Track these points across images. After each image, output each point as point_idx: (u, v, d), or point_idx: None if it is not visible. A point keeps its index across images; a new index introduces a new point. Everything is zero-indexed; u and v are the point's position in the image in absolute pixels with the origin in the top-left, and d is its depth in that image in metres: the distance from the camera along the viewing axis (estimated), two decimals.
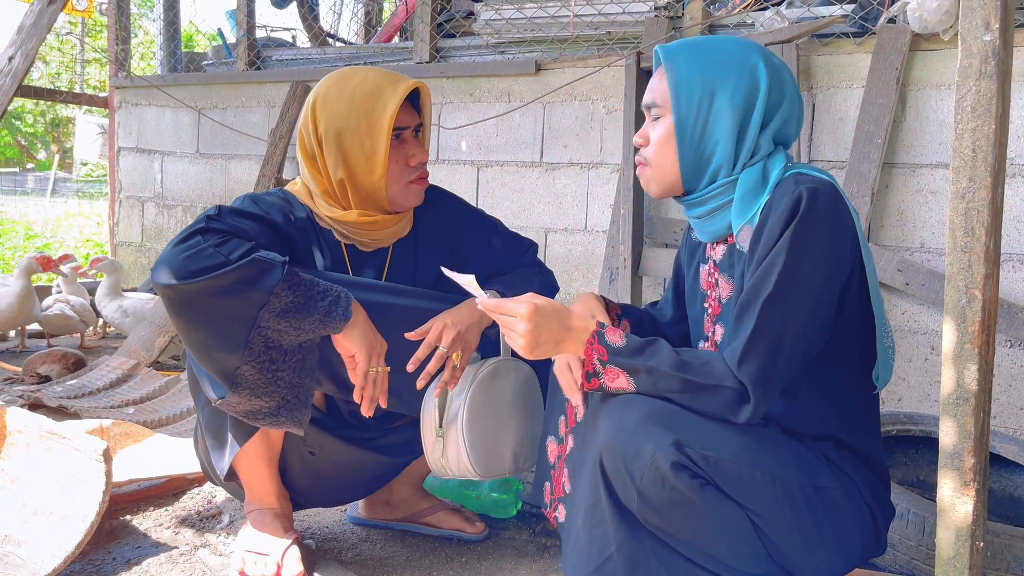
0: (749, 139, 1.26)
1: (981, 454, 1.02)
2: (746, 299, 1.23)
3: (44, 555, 1.48)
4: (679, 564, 1.25)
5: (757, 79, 1.26)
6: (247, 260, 1.32)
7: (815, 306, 1.21)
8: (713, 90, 1.26)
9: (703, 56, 1.28)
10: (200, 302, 1.33)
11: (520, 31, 3.32)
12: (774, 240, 1.20)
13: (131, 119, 4.67)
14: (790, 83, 1.29)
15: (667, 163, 1.31)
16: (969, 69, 0.99)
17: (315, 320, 1.37)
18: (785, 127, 1.30)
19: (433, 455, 1.54)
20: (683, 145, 1.28)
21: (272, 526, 1.54)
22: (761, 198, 1.25)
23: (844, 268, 1.24)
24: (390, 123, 1.49)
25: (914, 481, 2.10)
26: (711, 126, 1.27)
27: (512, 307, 1.26)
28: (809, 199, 1.18)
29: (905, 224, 2.47)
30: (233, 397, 1.38)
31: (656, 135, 1.31)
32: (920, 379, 2.46)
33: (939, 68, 2.41)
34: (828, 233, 1.20)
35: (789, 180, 1.24)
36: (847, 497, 1.27)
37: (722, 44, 1.31)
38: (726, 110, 1.26)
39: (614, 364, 1.24)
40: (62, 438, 1.64)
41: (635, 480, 1.18)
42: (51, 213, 10.61)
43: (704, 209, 1.32)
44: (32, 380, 2.89)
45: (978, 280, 1.00)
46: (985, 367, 1.01)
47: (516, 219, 3.23)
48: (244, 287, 1.32)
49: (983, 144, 0.99)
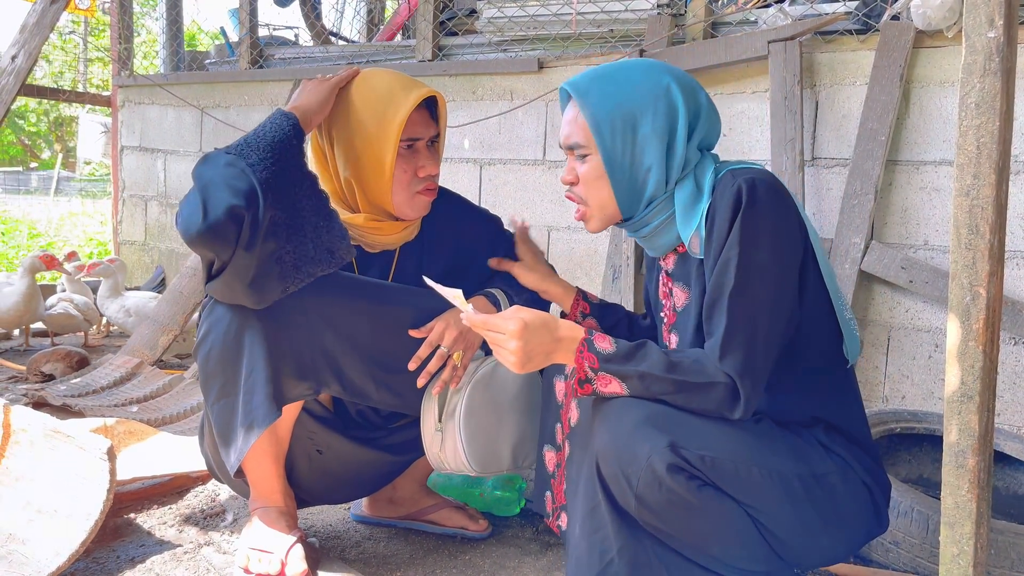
0: (678, 157, 1.29)
1: (985, 452, 1.02)
2: (711, 298, 1.25)
3: (49, 553, 1.48)
4: (680, 565, 1.25)
5: (673, 100, 1.28)
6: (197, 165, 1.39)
7: (779, 291, 1.23)
8: (635, 120, 1.28)
9: (615, 88, 1.30)
10: (198, 191, 1.36)
11: (523, 29, 3.31)
12: (724, 235, 1.23)
13: (134, 118, 4.67)
14: (702, 94, 1.32)
15: (603, 198, 1.34)
16: (973, 66, 0.99)
17: (273, 139, 1.40)
18: (708, 136, 1.33)
19: (432, 449, 1.55)
20: (616, 179, 1.31)
21: (277, 523, 1.54)
22: (701, 204, 1.28)
23: (797, 250, 1.26)
24: (398, 130, 1.49)
25: (918, 479, 2.09)
26: (639, 155, 1.29)
27: (500, 324, 1.25)
28: (749, 190, 1.21)
29: (909, 221, 2.46)
30: (279, 254, 1.36)
31: (586, 174, 1.34)
32: (924, 377, 2.46)
33: (943, 65, 2.40)
34: (774, 218, 1.23)
35: (726, 177, 1.27)
36: (844, 480, 1.27)
37: (629, 72, 1.32)
38: (651, 137, 1.28)
39: (605, 371, 1.24)
40: (66, 436, 1.64)
41: (632, 484, 1.19)
42: (54, 212, 10.63)
43: (648, 229, 1.34)
44: (36, 379, 2.90)
45: (982, 277, 1.00)
46: (989, 365, 1.01)
47: (519, 217, 3.23)
48: (210, 167, 1.37)
49: (987, 141, 0.99)
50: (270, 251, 1.35)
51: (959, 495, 1.03)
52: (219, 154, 1.38)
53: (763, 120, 2.69)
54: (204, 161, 1.39)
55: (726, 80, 2.78)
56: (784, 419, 1.30)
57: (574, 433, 1.41)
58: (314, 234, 1.39)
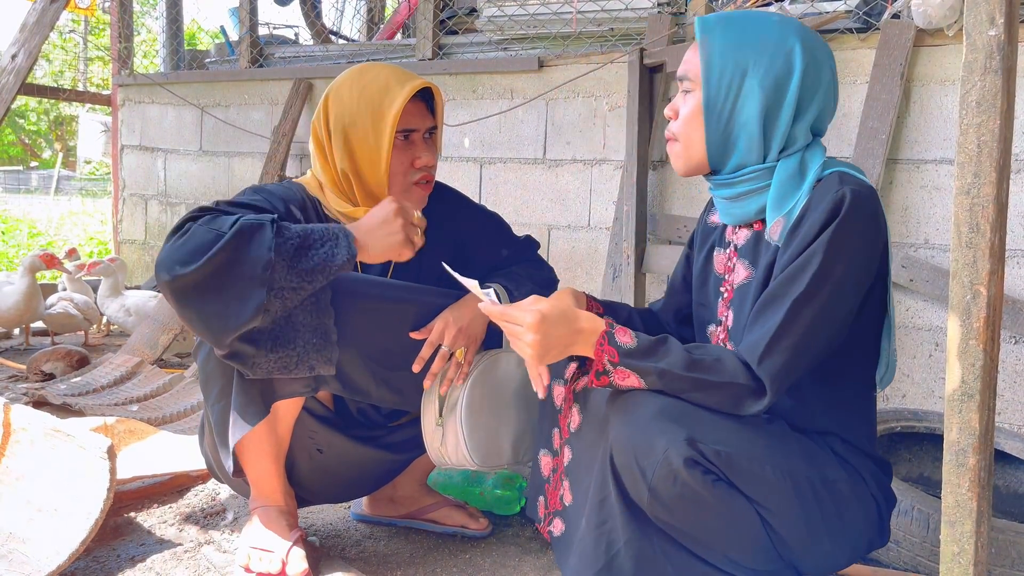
0: (781, 126, 1.24)
1: (986, 451, 1.02)
2: (773, 294, 1.21)
3: (49, 552, 1.48)
4: (686, 561, 1.25)
5: (792, 63, 1.22)
6: (236, 227, 1.30)
7: (842, 309, 1.21)
8: (745, 69, 1.23)
9: (740, 32, 1.25)
10: (210, 283, 1.30)
11: (523, 28, 3.31)
12: (812, 238, 1.19)
13: (134, 117, 4.67)
14: (827, 71, 1.26)
15: (694, 139, 1.29)
16: (974, 64, 0.98)
17: (322, 267, 1.35)
18: (820, 118, 1.27)
19: (432, 444, 1.55)
20: (710, 122, 1.26)
21: (277, 523, 1.54)
22: (799, 191, 1.23)
23: (872, 273, 1.23)
24: (394, 121, 1.49)
25: (918, 478, 2.09)
26: (739, 106, 1.24)
27: (518, 316, 1.23)
28: (852, 201, 1.17)
29: (909, 220, 2.46)
30: (260, 360, 1.37)
31: (685, 109, 1.29)
32: (924, 375, 2.46)
33: (943, 63, 2.40)
34: (865, 238, 1.20)
35: (833, 178, 1.22)
36: (853, 489, 1.27)
37: (762, 21, 1.26)
38: (756, 91, 1.22)
39: (625, 366, 1.22)
40: (66, 436, 1.64)
41: (646, 476, 1.18)
42: (55, 211, 10.62)
43: (733, 192, 1.29)
44: (36, 378, 2.90)
45: (983, 276, 1.00)
46: (990, 363, 1.01)
47: (519, 216, 3.23)
48: (243, 254, 1.30)
49: (988, 140, 0.98)
50: (249, 353, 1.37)
51: (960, 494, 1.03)
52: (262, 237, 1.31)
53: None
54: (245, 235, 1.31)
55: None
56: (800, 425, 1.29)
57: (575, 438, 1.39)
58: (302, 350, 1.40)
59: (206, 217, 1.35)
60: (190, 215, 1.37)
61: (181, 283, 1.29)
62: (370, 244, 1.41)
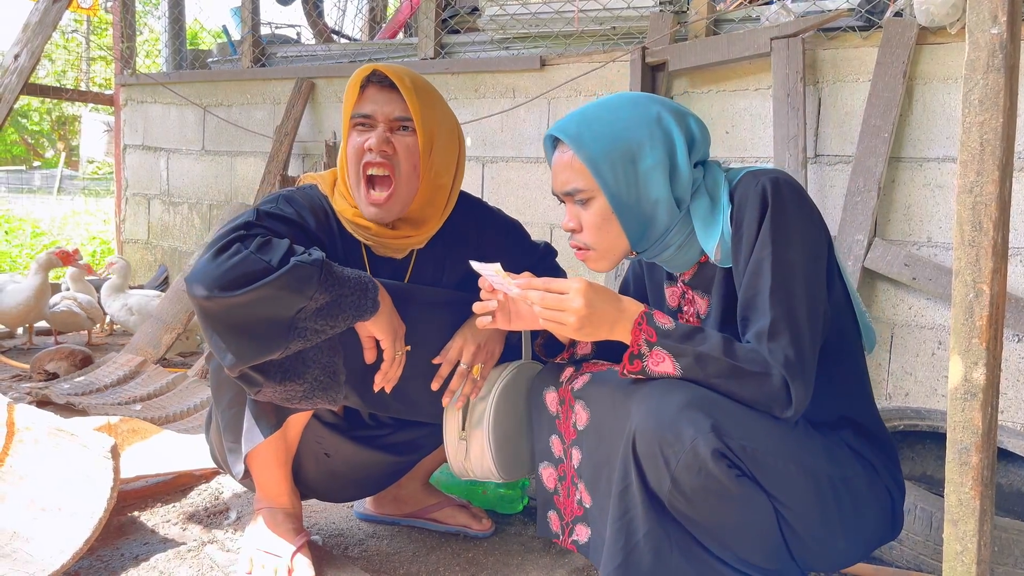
0: (683, 181, 1.28)
1: (988, 449, 1.02)
2: (747, 299, 1.24)
3: (53, 551, 1.48)
4: (700, 557, 1.25)
5: (668, 128, 1.27)
6: (289, 266, 1.29)
7: (813, 286, 1.23)
8: (633, 156, 1.26)
9: (606, 126, 1.28)
10: (242, 312, 1.29)
11: (525, 27, 3.31)
12: (754, 236, 1.22)
13: (137, 117, 4.68)
14: (689, 113, 1.31)
15: (613, 239, 1.32)
16: (976, 62, 0.98)
17: (347, 316, 1.37)
18: (705, 151, 1.32)
19: (456, 458, 1.55)
20: (626, 216, 1.29)
21: (283, 526, 1.55)
22: (720, 213, 1.27)
23: (823, 245, 1.26)
24: (350, 106, 1.46)
25: (921, 476, 2.09)
26: (645, 189, 1.27)
27: (563, 284, 1.24)
28: (774, 189, 1.22)
29: (912, 219, 2.46)
30: (267, 388, 1.38)
31: (591, 218, 1.31)
32: (927, 374, 2.46)
33: (946, 62, 2.40)
34: (800, 215, 1.23)
35: (747, 178, 1.26)
36: (870, 485, 1.27)
37: (615, 108, 1.30)
38: (654, 169, 1.26)
39: (662, 347, 1.23)
40: (70, 435, 1.64)
41: (670, 465, 1.17)
42: (58, 211, 10.63)
43: (670, 251, 1.33)
44: (40, 377, 2.90)
45: (986, 274, 0.99)
46: (992, 362, 1.01)
47: (521, 215, 3.22)
48: (286, 292, 1.29)
49: (991, 138, 0.98)
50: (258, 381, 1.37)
51: (962, 492, 1.03)
52: (308, 284, 1.31)
53: (766, 117, 2.69)
54: (293, 276, 1.30)
55: (728, 77, 2.78)
56: (814, 419, 1.29)
57: (584, 436, 1.37)
58: (309, 386, 1.40)
59: (256, 240, 1.32)
60: (235, 231, 1.34)
61: (216, 305, 1.28)
62: (389, 314, 1.43)
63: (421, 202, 1.52)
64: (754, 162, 2.74)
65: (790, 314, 1.20)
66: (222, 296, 1.27)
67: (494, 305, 1.37)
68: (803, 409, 1.21)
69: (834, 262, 1.30)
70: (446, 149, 1.54)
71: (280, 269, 1.28)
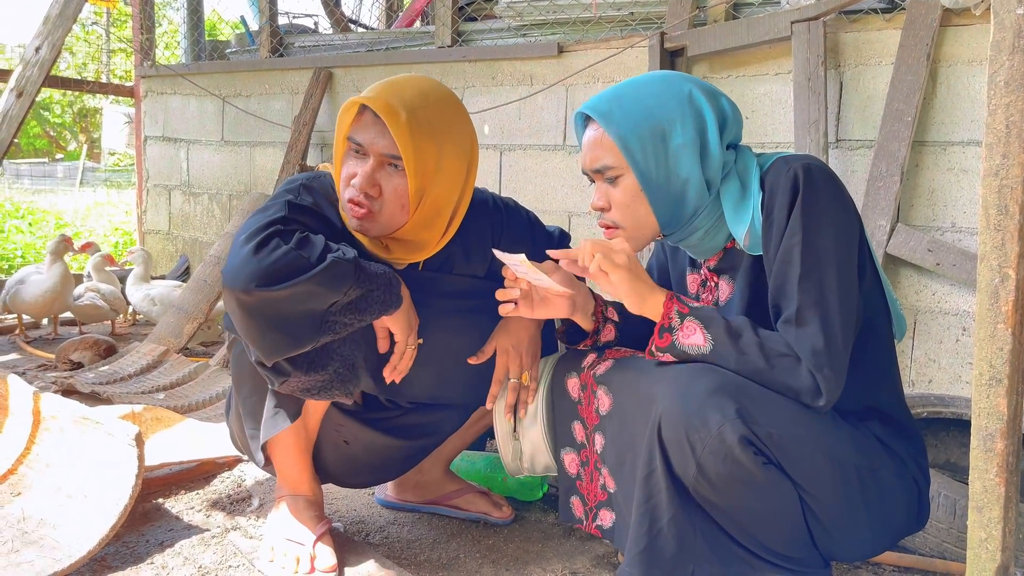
0: (714, 161, 1.27)
1: (1013, 436, 1.01)
2: (778, 287, 1.23)
3: (80, 537, 1.51)
4: (724, 543, 1.24)
5: (699, 106, 1.26)
6: (327, 263, 1.30)
7: (845, 273, 1.21)
8: (664, 133, 1.25)
9: (637, 103, 1.27)
10: (279, 306, 1.30)
11: (542, 13, 3.29)
12: (784, 222, 1.21)
13: (157, 108, 4.71)
14: (723, 97, 1.30)
15: (642, 218, 1.30)
16: (1002, 43, 0.97)
17: (375, 310, 1.38)
18: (736, 135, 1.31)
19: (511, 460, 1.57)
20: (655, 196, 1.28)
21: (305, 514, 1.56)
22: (751, 199, 1.26)
23: (855, 231, 1.25)
24: (346, 128, 1.43)
25: (945, 463, 2.07)
26: (675, 168, 1.26)
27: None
28: (806, 175, 1.20)
29: (936, 203, 2.43)
30: (294, 379, 1.39)
31: (620, 196, 1.30)
32: (951, 360, 2.43)
33: (970, 43, 2.36)
34: (833, 201, 1.22)
35: (779, 164, 1.25)
36: (897, 475, 1.27)
37: (647, 85, 1.29)
38: (684, 148, 1.25)
39: (695, 316, 1.24)
40: (95, 423, 1.67)
41: (696, 450, 1.17)
42: (80, 203, 10.75)
43: (697, 235, 1.32)
44: (65, 367, 2.94)
45: (1011, 258, 0.98)
46: (1018, 347, 0.99)
47: (539, 203, 3.22)
48: (323, 288, 1.31)
49: (1017, 120, 0.97)
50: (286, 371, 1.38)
51: (987, 479, 1.02)
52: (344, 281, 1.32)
53: (787, 102, 2.66)
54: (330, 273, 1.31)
55: (749, 62, 2.75)
56: (842, 408, 1.28)
57: (608, 420, 1.37)
58: (329, 379, 1.41)
59: (296, 236, 1.32)
60: (272, 225, 1.33)
61: (253, 299, 1.28)
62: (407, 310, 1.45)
63: (415, 227, 1.46)
64: (775, 148, 2.71)
65: (820, 302, 1.18)
66: (261, 290, 1.27)
67: (516, 293, 1.38)
68: (836, 399, 1.20)
69: (866, 249, 1.28)
70: (449, 182, 1.44)
71: (319, 265, 1.30)
